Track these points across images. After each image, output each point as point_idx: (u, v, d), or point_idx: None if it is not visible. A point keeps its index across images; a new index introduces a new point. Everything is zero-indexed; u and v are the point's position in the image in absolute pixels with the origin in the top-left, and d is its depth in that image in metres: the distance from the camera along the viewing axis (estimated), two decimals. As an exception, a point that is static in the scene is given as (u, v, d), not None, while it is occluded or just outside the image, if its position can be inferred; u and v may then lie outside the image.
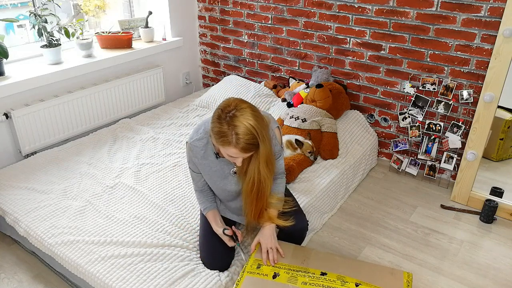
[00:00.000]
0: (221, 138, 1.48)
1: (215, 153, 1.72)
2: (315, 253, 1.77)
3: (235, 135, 1.46)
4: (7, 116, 2.47)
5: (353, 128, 2.84)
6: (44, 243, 1.88)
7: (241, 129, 1.45)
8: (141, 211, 2.06)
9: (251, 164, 1.62)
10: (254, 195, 1.68)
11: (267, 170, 1.63)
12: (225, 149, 1.52)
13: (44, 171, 2.39)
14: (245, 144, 1.47)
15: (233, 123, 1.46)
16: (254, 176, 1.63)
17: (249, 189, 1.68)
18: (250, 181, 1.65)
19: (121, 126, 2.92)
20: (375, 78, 2.83)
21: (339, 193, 2.50)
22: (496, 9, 2.27)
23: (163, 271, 1.71)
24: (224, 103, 1.52)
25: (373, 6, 2.65)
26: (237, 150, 1.49)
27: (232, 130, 1.46)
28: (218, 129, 1.49)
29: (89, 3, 3.05)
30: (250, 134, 1.46)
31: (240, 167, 1.68)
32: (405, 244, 2.23)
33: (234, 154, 1.51)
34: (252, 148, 1.51)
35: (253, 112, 1.50)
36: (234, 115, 1.47)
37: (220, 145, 1.51)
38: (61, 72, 2.66)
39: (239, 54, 3.47)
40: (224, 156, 1.58)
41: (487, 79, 2.30)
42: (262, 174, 1.62)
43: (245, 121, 1.46)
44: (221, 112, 1.49)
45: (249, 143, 1.48)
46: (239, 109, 1.48)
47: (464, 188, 2.53)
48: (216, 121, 1.50)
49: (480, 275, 2.04)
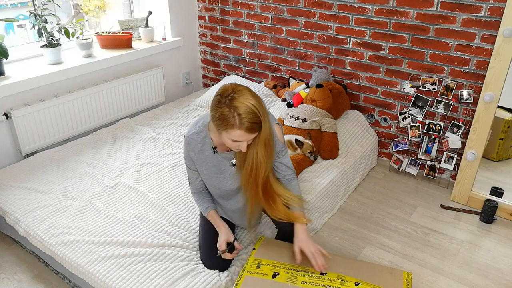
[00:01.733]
0: (224, 122, 1.47)
1: (213, 148, 1.71)
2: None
3: (238, 116, 1.44)
4: (7, 116, 2.47)
5: (353, 128, 2.84)
6: (44, 243, 1.88)
7: (242, 109, 1.44)
8: (141, 211, 2.06)
9: (250, 147, 1.60)
10: (253, 181, 1.66)
11: (265, 152, 1.60)
12: (229, 134, 1.49)
13: (44, 171, 2.39)
14: (249, 123, 1.46)
15: (234, 105, 1.45)
16: (253, 159, 1.61)
17: (248, 175, 1.66)
18: (249, 165, 1.64)
19: (121, 126, 2.92)
20: (375, 78, 2.83)
21: (339, 193, 2.50)
22: (496, 9, 2.27)
23: (163, 271, 1.71)
24: (221, 89, 1.51)
25: (373, 6, 2.65)
26: (242, 131, 1.47)
27: (234, 111, 1.45)
28: (219, 114, 1.47)
29: (89, 3, 3.05)
30: (253, 113, 1.46)
31: (241, 157, 1.66)
32: (405, 244, 2.23)
33: (239, 136, 1.49)
34: (256, 128, 1.49)
35: (251, 92, 1.50)
36: (233, 97, 1.46)
37: (223, 129, 1.49)
38: (61, 72, 2.66)
39: (239, 54, 3.47)
40: (228, 144, 1.55)
41: (487, 79, 2.30)
42: (259, 156, 1.60)
43: (246, 101, 1.45)
44: (220, 97, 1.48)
45: (253, 121, 1.46)
46: (237, 91, 1.48)
47: (464, 188, 2.53)
48: (216, 106, 1.49)
49: (480, 275, 2.04)
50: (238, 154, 1.70)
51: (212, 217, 1.84)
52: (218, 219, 1.83)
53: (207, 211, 1.84)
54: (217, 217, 1.83)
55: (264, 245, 1.81)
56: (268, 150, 1.61)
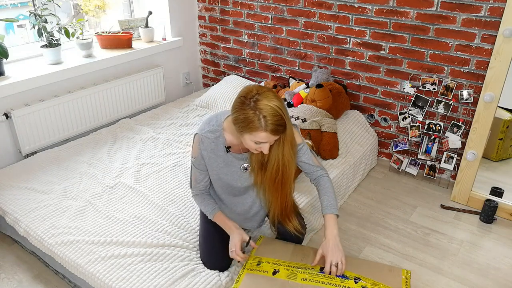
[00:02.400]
0: (249, 125, 1.45)
1: (226, 147, 1.68)
2: (314, 251, 1.77)
3: (263, 118, 1.43)
4: (7, 116, 2.47)
5: (353, 128, 2.84)
6: (44, 243, 1.88)
7: (268, 111, 1.43)
8: (141, 211, 2.06)
9: (274, 149, 1.58)
10: (278, 183, 1.64)
11: (292, 152, 1.60)
12: (253, 136, 1.48)
13: (44, 171, 2.39)
14: (274, 126, 1.45)
15: (259, 107, 1.43)
16: (279, 160, 1.59)
17: (273, 177, 1.63)
18: (274, 167, 1.61)
19: (121, 126, 2.92)
20: (375, 78, 2.83)
21: (339, 193, 2.50)
22: (496, 9, 2.27)
23: (163, 271, 1.71)
24: (244, 90, 1.49)
25: (373, 6, 2.65)
26: (267, 134, 1.46)
27: (260, 113, 1.43)
28: (244, 116, 1.45)
29: (89, 3, 3.05)
30: (278, 115, 1.45)
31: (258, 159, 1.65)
32: (405, 244, 2.23)
33: (264, 138, 1.47)
34: (280, 130, 1.48)
35: (275, 94, 1.48)
36: (258, 99, 1.44)
37: (248, 132, 1.47)
38: (61, 72, 2.66)
39: (239, 54, 3.47)
40: (249, 145, 1.53)
41: (487, 79, 2.30)
42: (286, 157, 1.59)
43: (271, 103, 1.44)
44: (244, 99, 1.46)
45: (278, 124, 1.45)
46: (261, 93, 1.46)
47: (464, 188, 2.53)
48: (240, 108, 1.47)
49: (480, 275, 2.04)
50: (255, 157, 1.67)
51: (220, 218, 1.79)
52: (227, 220, 1.78)
53: (214, 213, 1.80)
54: (225, 218, 1.79)
55: (264, 244, 1.82)
56: (294, 150, 1.62)
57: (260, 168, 1.68)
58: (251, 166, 1.70)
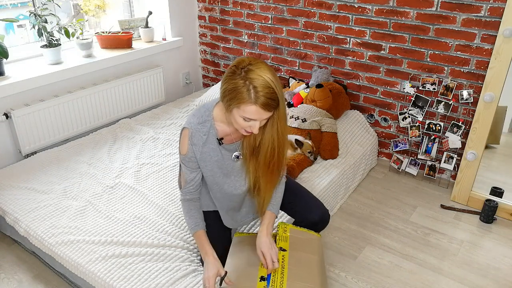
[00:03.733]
0: (237, 96, 1.33)
1: (218, 139, 1.55)
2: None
3: (253, 89, 1.31)
4: (7, 116, 2.47)
5: (353, 128, 2.84)
6: (44, 243, 1.88)
7: (259, 82, 1.32)
8: (141, 211, 2.06)
9: (268, 129, 1.46)
10: (273, 166, 1.53)
11: (285, 131, 1.48)
12: (241, 110, 1.35)
13: (44, 171, 2.39)
14: (265, 99, 1.32)
15: (250, 77, 1.32)
16: (274, 141, 1.47)
17: (267, 161, 1.52)
18: (268, 150, 1.49)
19: (121, 126, 2.92)
20: (375, 78, 2.83)
21: (339, 193, 2.50)
22: (496, 9, 2.27)
23: (164, 270, 1.71)
24: (237, 60, 1.39)
25: (373, 6, 2.65)
26: (257, 107, 1.33)
27: (250, 84, 1.32)
28: (233, 86, 1.34)
29: (89, 3, 3.05)
30: (269, 88, 1.33)
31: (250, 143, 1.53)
32: (405, 244, 2.23)
33: (253, 113, 1.35)
34: (271, 105, 1.35)
35: (268, 66, 1.37)
36: (249, 69, 1.33)
37: (235, 105, 1.35)
38: (61, 72, 2.66)
39: (239, 54, 3.47)
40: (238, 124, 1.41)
41: (487, 79, 2.30)
42: (280, 137, 1.47)
43: (263, 74, 1.33)
44: (235, 68, 1.36)
45: (269, 97, 1.33)
46: (254, 63, 1.35)
47: (464, 188, 2.53)
48: (229, 78, 1.35)
49: (480, 275, 2.04)
50: (246, 142, 1.55)
51: (200, 239, 1.61)
52: (206, 244, 1.59)
53: (195, 230, 1.62)
54: (205, 241, 1.60)
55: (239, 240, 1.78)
56: (287, 128, 1.51)
57: (252, 154, 1.56)
58: (243, 153, 1.58)
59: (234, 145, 1.59)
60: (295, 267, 1.59)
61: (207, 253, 1.56)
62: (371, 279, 2.00)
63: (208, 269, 1.52)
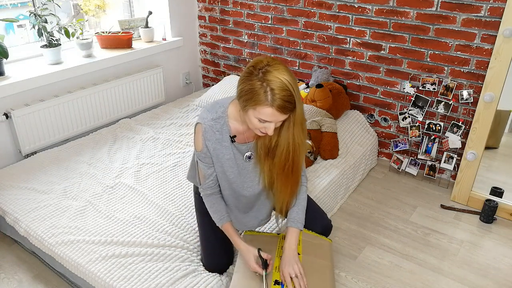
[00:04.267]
0: (254, 97, 1.32)
1: (231, 137, 1.54)
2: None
3: (270, 91, 1.30)
4: (7, 116, 2.47)
5: (353, 128, 2.84)
6: (45, 243, 1.88)
7: (276, 84, 1.30)
8: (141, 211, 2.06)
9: (284, 131, 1.45)
10: (288, 169, 1.51)
11: (303, 135, 1.46)
12: (257, 112, 1.34)
13: (44, 171, 2.39)
14: (282, 102, 1.31)
15: (267, 78, 1.31)
16: (289, 144, 1.45)
17: (283, 164, 1.50)
18: (283, 152, 1.47)
19: (121, 126, 2.92)
20: (375, 78, 2.83)
21: (339, 193, 2.50)
22: (496, 9, 2.27)
23: (164, 270, 1.71)
24: (254, 60, 1.37)
25: (373, 6, 2.65)
26: (273, 110, 1.32)
27: (267, 86, 1.30)
28: (249, 87, 1.32)
29: (89, 3, 3.05)
30: (287, 90, 1.31)
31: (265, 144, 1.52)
32: (405, 244, 2.23)
33: (269, 116, 1.34)
34: (288, 108, 1.34)
35: (286, 68, 1.36)
36: (267, 70, 1.32)
37: (251, 106, 1.34)
38: (61, 72, 2.66)
39: (239, 54, 3.47)
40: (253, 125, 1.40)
41: (487, 79, 2.30)
42: (297, 141, 1.46)
43: (281, 76, 1.31)
44: (253, 69, 1.34)
45: (286, 100, 1.32)
46: (272, 64, 1.34)
47: (464, 188, 2.53)
48: (247, 79, 1.34)
49: (480, 275, 2.04)
50: (261, 142, 1.53)
51: (227, 232, 1.66)
52: (234, 235, 1.64)
53: (222, 222, 1.65)
54: (233, 233, 1.64)
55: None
56: (305, 133, 1.49)
57: (267, 154, 1.54)
58: (256, 153, 1.57)
59: (247, 146, 1.58)
60: (309, 273, 1.60)
61: (236, 243, 1.63)
62: (371, 279, 2.00)
63: (248, 259, 1.58)
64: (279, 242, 1.75)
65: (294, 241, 1.61)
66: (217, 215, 1.65)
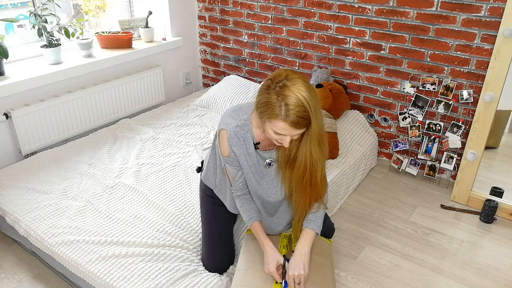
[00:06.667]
0: (268, 110, 1.33)
1: (254, 144, 1.55)
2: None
3: (285, 106, 1.31)
4: (7, 116, 2.47)
5: (353, 128, 2.84)
6: (45, 243, 1.88)
7: (291, 100, 1.31)
8: (141, 211, 2.06)
9: (302, 145, 1.46)
10: (306, 183, 1.52)
11: (320, 151, 1.46)
12: (271, 124, 1.36)
13: (44, 171, 2.39)
14: (296, 117, 1.32)
15: (283, 93, 1.31)
16: (306, 158, 1.46)
17: (301, 176, 1.51)
18: (301, 165, 1.49)
19: (121, 126, 2.92)
20: (375, 78, 2.83)
21: (339, 193, 2.50)
22: (496, 9, 2.27)
23: (164, 270, 1.72)
24: (274, 73, 1.39)
25: (373, 6, 2.65)
26: (286, 125, 1.33)
27: (282, 100, 1.31)
28: (266, 100, 1.34)
29: (89, 3, 3.05)
30: (302, 106, 1.31)
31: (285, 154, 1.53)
32: (405, 244, 2.23)
33: (282, 130, 1.35)
34: (302, 124, 1.34)
35: (306, 83, 1.35)
36: (284, 85, 1.33)
37: (267, 119, 1.36)
38: (61, 72, 2.66)
39: (239, 54, 3.47)
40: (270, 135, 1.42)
41: (487, 79, 2.30)
42: (314, 157, 1.46)
43: (297, 91, 1.31)
44: (271, 82, 1.36)
45: (300, 116, 1.32)
46: (290, 79, 1.34)
47: (464, 188, 2.53)
48: (264, 91, 1.36)
49: (480, 275, 2.04)
50: (282, 151, 1.55)
51: (255, 231, 1.65)
52: (261, 235, 1.63)
53: (251, 222, 1.66)
54: (260, 233, 1.63)
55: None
56: (323, 149, 1.48)
57: (287, 164, 1.56)
58: (278, 161, 1.58)
59: (268, 153, 1.60)
60: (311, 270, 1.60)
61: (263, 244, 1.61)
62: (371, 279, 2.00)
63: (268, 262, 1.56)
64: (281, 241, 1.75)
65: (308, 243, 1.59)
66: (247, 214, 1.67)
